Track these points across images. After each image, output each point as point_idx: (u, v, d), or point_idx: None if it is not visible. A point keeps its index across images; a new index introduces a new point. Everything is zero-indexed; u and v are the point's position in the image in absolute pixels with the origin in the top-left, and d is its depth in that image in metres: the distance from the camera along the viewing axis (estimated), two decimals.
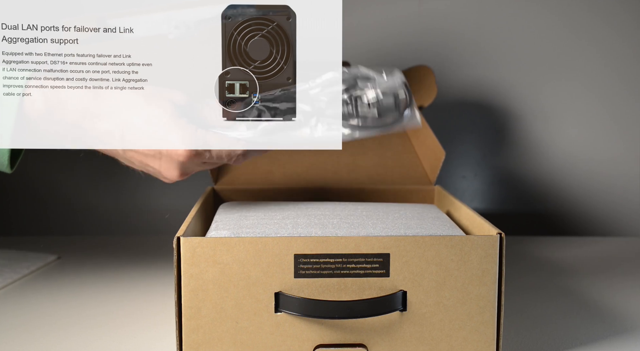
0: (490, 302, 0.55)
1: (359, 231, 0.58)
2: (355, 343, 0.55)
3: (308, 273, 0.54)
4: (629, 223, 1.19)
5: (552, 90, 1.17)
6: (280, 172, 0.84)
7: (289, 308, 0.54)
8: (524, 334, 0.65)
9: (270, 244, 0.54)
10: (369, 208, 0.66)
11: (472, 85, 1.18)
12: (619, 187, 1.18)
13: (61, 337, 0.64)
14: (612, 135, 1.18)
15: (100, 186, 1.19)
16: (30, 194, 1.17)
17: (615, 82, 1.17)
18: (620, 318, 0.69)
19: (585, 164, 1.18)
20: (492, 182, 1.20)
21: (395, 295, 0.54)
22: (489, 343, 0.56)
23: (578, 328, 0.66)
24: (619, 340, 0.63)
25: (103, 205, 1.19)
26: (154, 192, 1.18)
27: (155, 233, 1.13)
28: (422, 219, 0.62)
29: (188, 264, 0.54)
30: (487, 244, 0.55)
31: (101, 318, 0.69)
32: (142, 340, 0.63)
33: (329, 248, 0.54)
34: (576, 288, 0.80)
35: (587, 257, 0.96)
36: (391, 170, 0.85)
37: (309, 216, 0.62)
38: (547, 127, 1.18)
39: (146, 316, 0.69)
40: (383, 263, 0.54)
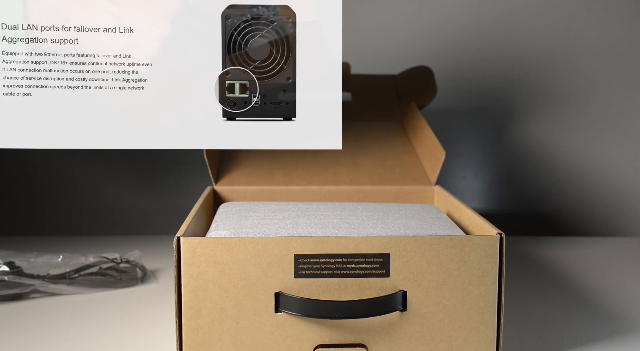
0: (491, 302, 0.55)
1: (359, 231, 0.58)
2: (356, 343, 0.55)
3: (308, 273, 0.54)
4: (629, 223, 1.19)
5: (552, 90, 1.17)
6: (280, 172, 0.84)
7: (289, 308, 0.54)
8: (524, 334, 0.65)
9: (270, 244, 0.54)
10: (369, 208, 0.66)
11: (472, 85, 1.18)
12: (619, 187, 1.18)
13: (61, 337, 0.64)
14: (612, 135, 1.18)
15: (100, 186, 1.19)
16: (30, 195, 1.17)
17: (614, 81, 1.17)
18: (620, 318, 0.69)
19: (585, 164, 1.18)
20: (492, 182, 1.20)
21: (396, 295, 0.54)
22: (489, 343, 0.56)
23: (578, 328, 0.66)
24: (619, 340, 0.63)
25: (103, 205, 1.19)
26: (154, 192, 1.18)
27: (155, 233, 1.13)
28: (422, 219, 0.62)
29: (188, 265, 0.54)
30: (487, 244, 0.55)
31: (101, 318, 0.69)
32: (142, 340, 0.63)
33: (329, 248, 0.54)
34: (576, 288, 0.80)
35: (587, 257, 0.96)
36: (391, 170, 0.85)
37: (309, 216, 0.62)
38: (547, 127, 1.18)
39: (146, 316, 0.69)
40: (383, 263, 0.54)
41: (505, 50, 1.16)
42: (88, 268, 0.77)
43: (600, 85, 1.17)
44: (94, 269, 0.77)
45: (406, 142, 0.91)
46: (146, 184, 1.18)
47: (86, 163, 1.19)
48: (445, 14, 1.16)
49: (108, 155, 1.19)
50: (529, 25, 1.16)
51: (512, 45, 1.16)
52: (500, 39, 1.16)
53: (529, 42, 1.16)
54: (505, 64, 1.17)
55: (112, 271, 0.79)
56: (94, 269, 0.77)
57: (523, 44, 1.16)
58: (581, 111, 1.18)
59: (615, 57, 1.17)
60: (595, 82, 1.17)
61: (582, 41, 1.16)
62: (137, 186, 1.18)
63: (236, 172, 0.83)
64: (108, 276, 0.78)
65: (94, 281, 0.77)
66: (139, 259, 0.82)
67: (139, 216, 1.18)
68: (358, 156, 0.87)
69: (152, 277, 0.82)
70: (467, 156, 1.20)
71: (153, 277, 0.83)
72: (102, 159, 1.20)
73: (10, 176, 1.16)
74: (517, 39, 1.16)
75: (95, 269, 0.77)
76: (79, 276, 0.76)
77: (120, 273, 0.79)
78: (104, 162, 1.20)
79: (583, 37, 1.16)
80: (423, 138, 0.87)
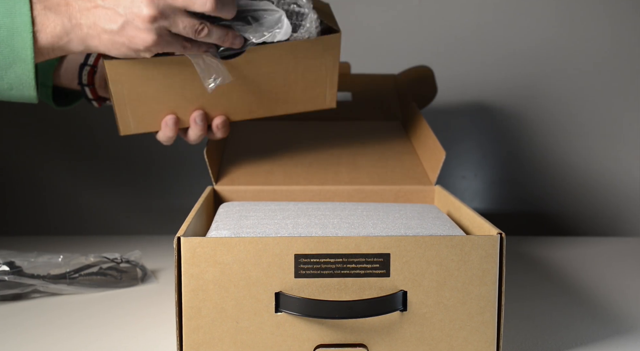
0: (491, 302, 0.55)
1: (359, 231, 0.58)
2: (356, 343, 0.55)
3: (308, 273, 0.54)
4: (629, 223, 1.19)
5: (552, 90, 1.17)
6: (280, 172, 0.84)
7: (289, 308, 0.54)
8: (524, 334, 0.65)
9: (271, 244, 0.54)
10: (369, 208, 0.66)
11: (472, 85, 1.18)
12: (619, 187, 1.18)
13: (61, 337, 0.64)
14: (612, 135, 1.18)
15: (100, 186, 1.19)
16: (30, 194, 1.17)
17: (614, 81, 1.17)
18: (620, 318, 0.69)
19: (585, 164, 1.18)
20: (492, 182, 1.20)
21: (396, 295, 0.54)
22: (489, 343, 0.56)
23: (578, 328, 0.66)
24: (619, 340, 0.63)
25: (103, 205, 1.19)
26: (154, 192, 1.18)
27: (155, 233, 1.13)
28: (422, 219, 0.62)
29: (188, 265, 0.54)
30: (487, 244, 0.55)
31: (101, 318, 0.69)
32: (142, 340, 0.63)
33: (329, 248, 0.54)
34: (576, 288, 0.80)
35: (587, 257, 0.96)
36: (391, 170, 0.85)
37: (309, 216, 0.62)
38: (547, 127, 1.18)
39: (146, 316, 0.70)
40: (383, 263, 0.54)
41: (505, 50, 1.16)
42: (88, 268, 0.77)
43: (600, 85, 1.17)
44: (94, 269, 0.77)
45: (406, 142, 0.91)
46: (146, 184, 1.18)
47: (86, 163, 1.19)
48: (445, 14, 1.16)
49: (108, 155, 1.19)
50: (529, 26, 1.16)
51: (512, 45, 1.16)
52: (500, 39, 1.16)
53: (529, 42, 1.16)
54: (505, 64, 1.17)
55: (113, 271, 0.79)
56: (94, 269, 0.77)
57: (523, 44, 1.16)
58: (581, 111, 1.18)
59: (616, 58, 1.17)
60: (596, 82, 1.17)
61: (582, 41, 1.16)
62: (137, 186, 1.18)
63: (236, 172, 0.83)
64: (108, 276, 0.78)
65: (94, 281, 0.77)
66: (139, 259, 0.82)
67: (139, 216, 1.18)
68: (358, 156, 0.87)
69: (152, 277, 0.82)
70: (467, 156, 1.20)
71: (153, 277, 0.83)
72: (102, 159, 1.20)
73: (10, 176, 1.16)
74: (517, 39, 1.16)
75: (96, 269, 0.77)
76: (79, 276, 0.76)
77: (121, 273, 0.79)
78: (104, 162, 1.20)
79: (583, 37, 1.16)
80: (423, 138, 0.87)
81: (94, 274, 0.77)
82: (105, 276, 0.78)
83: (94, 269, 0.77)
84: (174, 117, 0.75)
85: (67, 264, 0.77)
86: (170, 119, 0.75)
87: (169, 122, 0.75)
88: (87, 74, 0.81)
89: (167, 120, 0.75)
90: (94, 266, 0.77)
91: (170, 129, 0.76)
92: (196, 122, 0.76)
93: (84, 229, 1.18)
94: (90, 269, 0.77)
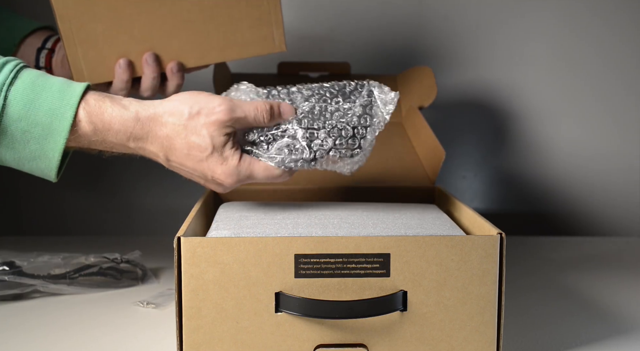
0: (491, 302, 0.55)
1: (359, 231, 0.58)
2: (356, 343, 0.55)
3: (308, 273, 0.54)
4: (629, 223, 1.19)
5: (552, 90, 1.17)
6: None
7: (289, 308, 0.54)
8: (524, 334, 0.65)
9: (271, 244, 0.54)
10: (369, 208, 0.66)
11: (472, 85, 1.18)
12: (619, 187, 1.18)
13: (61, 337, 0.64)
14: (611, 135, 1.18)
15: (100, 186, 1.19)
16: (31, 194, 1.17)
17: (614, 81, 1.17)
18: (620, 318, 0.69)
19: (585, 164, 1.18)
20: (492, 182, 1.20)
21: (396, 295, 0.54)
22: (489, 343, 0.56)
23: (578, 328, 0.66)
24: (619, 340, 0.63)
25: (103, 205, 1.19)
26: (153, 192, 1.18)
27: (155, 233, 1.13)
28: (422, 219, 0.62)
29: (188, 265, 0.54)
30: (487, 244, 0.55)
31: (101, 318, 0.69)
32: (142, 340, 0.63)
33: (329, 248, 0.54)
34: (576, 288, 0.80)
35: (587, 257, 0.96)
36: (391, 170, 0.85)
37: (309, 216, 0.62)
38: (547, 127, 1.18)
39: (146, 316, 0.70)
40: (383, 263, 0.54)
41: (505, 50, 1.16)
42: (88, 268, 0.77)
43: (600, 85, 1.17)
44: (94, 269, 0.77)
45: (406, 142, 0.91)
46: (146, 184, 1.18)
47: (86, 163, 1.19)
48: (445, 14, 1.16)
49: (108, 155, 1.19)
50: (530, 26, 1.16)
51: (512, 45, 1.16)
52: (500, 38, 1.16)
53: (528, 42, 1.16)
54: (505, 64, 1.17)
55: (113, 271, 0.79)
56: (94, 269, 0.77)
57: (523, 44, 1.16)
58: (581, 111, 1.18)
59: (616, 57, 1.17)
60: (596, 82, 1.17)
61: (582, 41, 1.16)
62: (138, 186, 1.18)
63: None
64: (108, 276, 0.78)
65: (94, 281, 0.77)
66: (139, 259, 0.82)
67: (139, 216, 1.18)
68: None
69: (152, 277, 0.82)
70: (467, 156, 1.20)
71: (153, 277, 0.83)
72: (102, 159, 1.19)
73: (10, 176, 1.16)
74: (517, 39, 1.16)
75: (96, 270, 0.77)
76: (80, 276, 0.76)
77: (121, 273, 0.79)
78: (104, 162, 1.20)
79: (582, 37, 1.16)
80: (423, 138, 0.87)
81: (94, 275, 0.77)
82: (105, 276, 0.78)
83: (94, 270, 0.77)
84: (127, 60, 0.76)
85: (67, 264, 0.77)
86: (123, 61, 0.75)
87: (122, 64, 0.75)
88: (44, 57, 0.81)
89: (120, 62, 0.75)
90: (94, 266, 0.77)
91: (124, 71, 0.76)
92: (148, 63, 0.76)
93: (84, 230, 1.18)
94: (90, 270, 0.77)
